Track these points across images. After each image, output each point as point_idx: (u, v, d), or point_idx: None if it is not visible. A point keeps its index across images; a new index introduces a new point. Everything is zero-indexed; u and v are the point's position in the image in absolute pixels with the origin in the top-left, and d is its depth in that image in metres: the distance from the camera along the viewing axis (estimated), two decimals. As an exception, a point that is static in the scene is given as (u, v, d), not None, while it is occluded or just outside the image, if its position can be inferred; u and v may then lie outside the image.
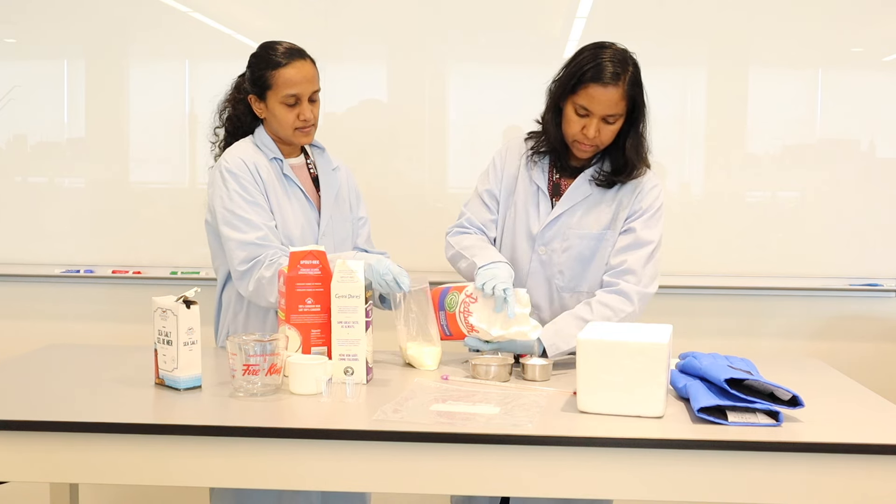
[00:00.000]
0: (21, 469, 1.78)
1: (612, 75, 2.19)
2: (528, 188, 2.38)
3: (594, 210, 2.34)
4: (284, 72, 2.31)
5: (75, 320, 3.23)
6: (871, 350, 3.13)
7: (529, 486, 1.72)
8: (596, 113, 2.21)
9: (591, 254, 2.33)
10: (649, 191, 2.33)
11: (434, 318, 2.22)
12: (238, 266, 2.27)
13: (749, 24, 3.04)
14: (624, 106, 2.22)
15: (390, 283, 2.14)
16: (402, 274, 2.15)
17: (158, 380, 2.00)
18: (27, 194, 3.24)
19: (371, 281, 2.13)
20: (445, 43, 3.13)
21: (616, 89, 2.19)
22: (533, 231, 2.37)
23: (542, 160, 2.39)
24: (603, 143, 2.27)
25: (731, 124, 3.12)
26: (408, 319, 2.20)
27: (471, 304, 2.19)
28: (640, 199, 2.32)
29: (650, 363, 1.75)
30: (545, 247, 2.36)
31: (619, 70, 2.19)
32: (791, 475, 1.65)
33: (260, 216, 2.30)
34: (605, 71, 2.19)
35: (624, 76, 2.20)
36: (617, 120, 2.23)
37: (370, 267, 2.14)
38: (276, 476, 1.73)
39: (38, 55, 3.21)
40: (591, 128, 2.22)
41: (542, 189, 2.37)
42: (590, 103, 2.21)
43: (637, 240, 2.29)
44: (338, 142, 2.66)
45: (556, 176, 2.38)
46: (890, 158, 3.10)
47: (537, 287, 2.37)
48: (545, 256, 2.36)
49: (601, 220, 2.33)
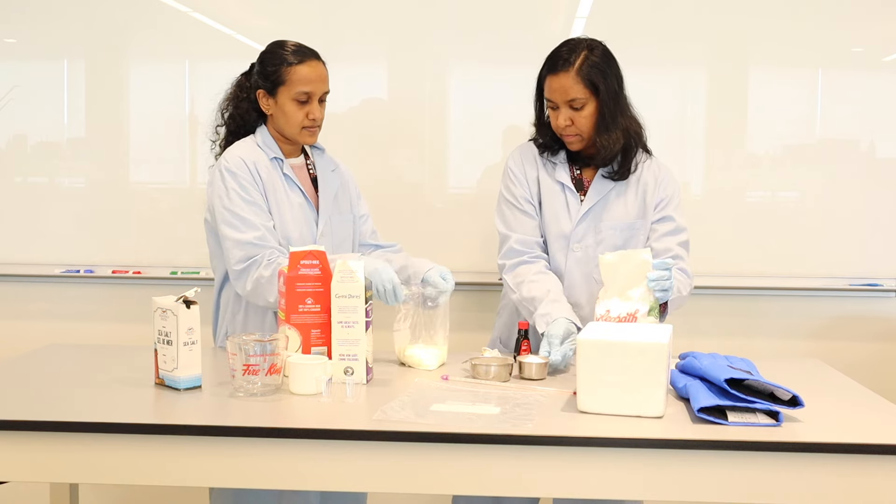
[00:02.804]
0: (21, 469, 1.78)
1: (563, 62, 2.27)
2: (553, 188, 2.39)
3: (621, 199, 2.37)
4: (300, 69, 2.33)
5: (75, 320, 3.23)
6: (871, 350, 3.13)
7: (529, 486, 1.72)
8: (558, 101, 2.29)
9: (624, 243, 2.36)
10: (671, 178, 2.40)
11: (443, 323, 2.23)
12: (235, 265, 2.28)
13: (749, 25, 3.04)
14: (582, 89, 2.26)
15: (388, 293, 2.16)
16: (399, 287, 2.17)
17: (158, 380, 2.00)
18: (27, 194, 3.24)
19: (371, 282, 2.14)
20: (445, 43, 3.13)
21: (567, 75, 2.26)
22: (565, 230, 2.37)
23: (558, 158, 2.41)
24: (583, 131, 2.31)
25: (731, 124, 3.12)
26: (413, 323, 2.21)
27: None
28: (665, 187, 2.38)
29: (650, 363, 1.75)
30: (579, 244, 2.37)
31: (568, 56, 2.27)
32: (791, 475, 1.66)
33: (258, 216, 2.30)
34: (556, 59, 2.29)
35: (575, 61, 2.26)
36: (584, 105, 2.27)
37: (376, 271, 2.16)
38: (275, 476, 1.73)
39: (38, 55, 3.21)
40: (559, 117, 2.30)
41: (567, 186, 2.38)
42: (551, 94, 2.30)
43: (676, 227, 2.37)
44: (338, 142, 2.66)
45: (577, 172, 2.41)
46: (890, 158, 3.10)
47: (576, 285, 2.37)
48: (580, 253, 2.37)
49: (630, 210, 2.37)
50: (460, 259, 3.01)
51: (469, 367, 2.13)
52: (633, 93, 2.37)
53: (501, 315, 2.56)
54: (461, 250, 3.10)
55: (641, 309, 2.07)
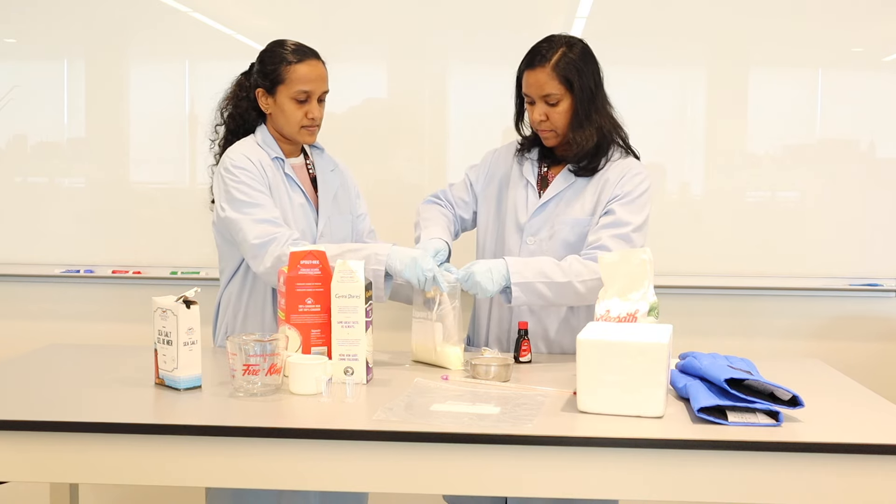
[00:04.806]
0: (21, 469, 1.78)
1: (539, 58, 2.31)
2: (518, 182, 2.45)
3: (579, 198, 2.37)
4: (299, 68, 2.33)
5: (75, 320, 3.23)
6: (871, 350, 3.13)
7: (529, 486, 1.72)
8: (534, 96, 2.33)
9: (576, 239, 2.35)
10: (633, 177, 2.35)
11: (461, 322, 2.23)
12: (253, 240, 2.25)
13: (749, 25, 3.04)
14: (557, 85, 2.29)
15: (428, 282, 2.16)
16: (440, 276, 2.17)
17: (158, 380, 2.00)
18: (27, 194, 3.24)
19: (403, 270, 2.17)
20: (445, 43, 3.13)
21: (542, 70, 2.29)
22: (521, 221, 2.40)
23: (530, 155, 2.46)
24: (557, 127, 2.34)
25: (731, 124, 3.11)
26: (444, 319, 2.20)
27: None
28: (623, 184, 2.34)
29: (650, 363, 1.75)
30: (533, 237, 2.39)
31: (545, 52, 2.31)
32: (791, 475, 1.65)
33: (271, 203, 2.30)
34: (534, 55, 2.33)
35: (551, 56, 2.29)
36: (559, 101, 2.30)
37: (413, 261, 2.16)
38: (275, 476, 1.73)
39: (38, 55, 3.21)
40: (535, 111, 2.33)
41: (530, 182, 2.43)
42: (527, 88, 2.34)
43: (615, 220, 2.30)
44: (338, 142, 2.67)
45: (544, 169, 2.44)
46: (890, 158, 3.10)
47: None
48: (534, 246, 2.38)
49: (585, 207, 2.37)
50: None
51: (469, 367, 2.13)
52: (633, 92, 2.38)
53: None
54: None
55: (641, 309, 2.07)
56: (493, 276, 2.20)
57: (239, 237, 2.29)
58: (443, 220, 2.46)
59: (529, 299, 2.23)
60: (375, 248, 2.23)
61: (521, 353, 2.28)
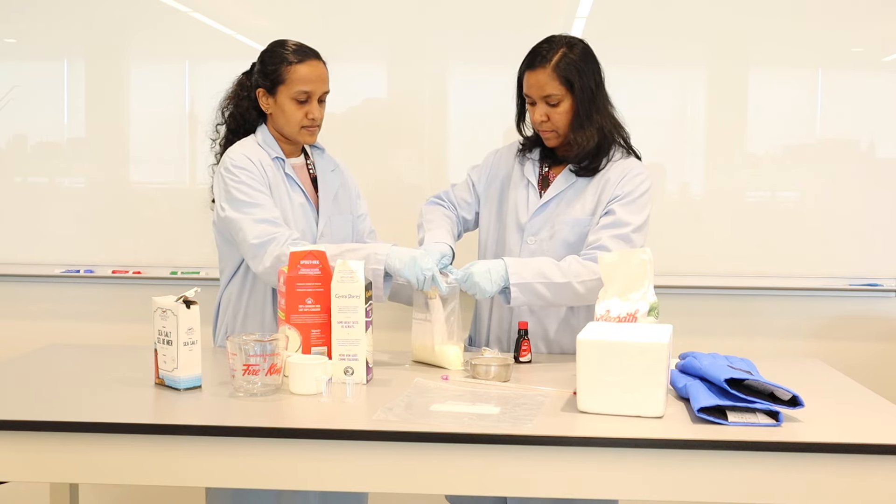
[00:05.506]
0: (21, 469, 1.78)
1: (540, 58, 2.31)
2: (520, 182, 2.45)
3: (580, 198, 2.37)
4: (299, 68, 2.33)
5: (75, 320, 3.23)
6: (871, 350, 3.13)
7: (529, 486, 1.72)
8: (535, 97, 2.33)
9: (576, 240, 2.35)
10: (634, 177, 2.35)
11: (461, 321, 2.23)
12: (252, 240, 2.25)
13: (749, 25, 3.04)
14: (558, 86, 2.30)
15: (427, 281, 2.16)
16: (438, 277, 2.17)
17: (158, 380, 2.00)
18: (27, 194, 3.24)
19: (402, 269, 2.16)
20: (445, 43, 3.13)
21: (543, 70, 2.30)
22: (521, 221, 2.40)
23: (532, 155, 2.46)
24: (558, 127, 2.34)
25: (731, 124, 3.11)
26: (443, 319, 2.20)
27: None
28: (624, 185, 2.34)
29: (650, 363, 1.75)
30: (534, 236, 2.39)
31: (545, 53, 2.31)
32: (791, 475, 1.66)
33: (271, 203, 2.30)
34: (534, 56, 2.33)
35: (551, 57, 2.30)
36: (559, 101, 2.31)
37: (413, 260, 2.16)
38: (275, 476, 1.73)
39: (38, 55, 3.21)
40: (536, 112, 2.34)
41: (531, 182, 2.43)
42: (528, 89, 2.34)
43: (615, 221, 2.30)
44: (338, 142, 2.67)
45: (545, 169, 2.44)
46: (890, 158, 3.10)
47: None
48: (534, 246, 2.38)
49: (586, 207, 2.37)
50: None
51: (469, 367, 2.13)
52: (633, 93, 2.38)
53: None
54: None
55: (641, 309, 2.07)
56: (492, 276, 2.20)
57: (239, 237, 2.29)
58: (446, 223, 2.46)
59: (528, 300, 2.23)
60: (375, 248, 2.23)
61: (521, 353, 2.28)
